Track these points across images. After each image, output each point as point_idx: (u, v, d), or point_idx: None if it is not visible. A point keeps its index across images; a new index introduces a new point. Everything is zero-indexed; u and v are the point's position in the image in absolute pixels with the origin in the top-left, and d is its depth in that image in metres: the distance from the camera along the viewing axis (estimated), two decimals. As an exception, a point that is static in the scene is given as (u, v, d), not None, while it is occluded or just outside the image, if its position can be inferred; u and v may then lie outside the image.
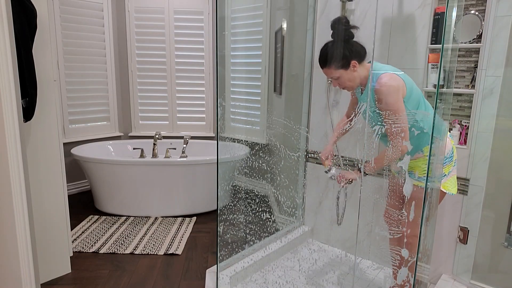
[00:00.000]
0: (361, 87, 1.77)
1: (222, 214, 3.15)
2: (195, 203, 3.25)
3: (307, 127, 2.66)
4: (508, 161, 1.87)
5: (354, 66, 1.68)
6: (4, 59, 1.57)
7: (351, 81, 1.71)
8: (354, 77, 1.70)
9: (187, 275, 2.30)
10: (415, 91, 1.64)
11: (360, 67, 1.69)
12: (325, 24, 2.44)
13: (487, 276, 1.99)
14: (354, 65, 1.67)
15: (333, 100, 2.46)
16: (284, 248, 2.51)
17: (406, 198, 1.76)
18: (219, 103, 2.11)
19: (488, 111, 1.86)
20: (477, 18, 1.84)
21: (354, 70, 1.68)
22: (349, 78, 1.71)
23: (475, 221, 1.96)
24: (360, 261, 2.44)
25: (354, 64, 1.67)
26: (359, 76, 1.71)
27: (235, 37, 3.51)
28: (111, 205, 3.20)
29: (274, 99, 3.19)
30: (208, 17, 3.93)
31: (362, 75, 1.71)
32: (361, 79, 1.72)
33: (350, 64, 1.67)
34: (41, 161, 2.10)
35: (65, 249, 2.27)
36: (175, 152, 3.92)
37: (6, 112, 1.61)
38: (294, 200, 2.81)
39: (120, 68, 3.98)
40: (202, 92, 4.08)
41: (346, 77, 1.70)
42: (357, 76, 1.70)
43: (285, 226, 2.76)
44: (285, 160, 2.83)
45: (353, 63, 1.67)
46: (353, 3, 2.29)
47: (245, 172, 3.51)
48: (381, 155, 1.66)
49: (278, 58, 3.01)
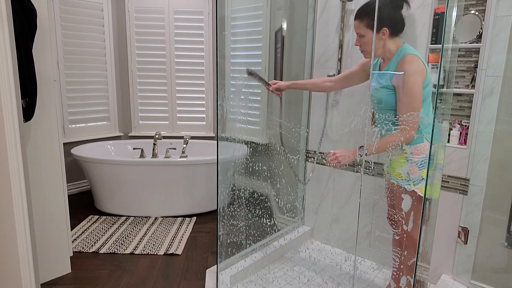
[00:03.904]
0: (381, 60, 1.71)
1: (222, 214, 3.15)
2: (195, 203, 3.25)
3: (307, 127, 2.66)
4: (508, 161, 1.87)
5: (384, 34, 1.61)
6: (4, 59, 1.57)
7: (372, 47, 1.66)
8: (379, 45, 1.63)
9: (187, 275, 2.30)
10: (429, 87, 1.61)
11: (389, 39, 1.62)
12: (325, 24, 2.45)
13: (487, 276, 1.99)
14: (384, 32, 1.61)
15: (333, 100, 2.46)
16: (284, 248, 2.51)
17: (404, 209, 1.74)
18: (219, 104, 2.11)
19: (488, 111, 1.86)
20: (477, 18, 1.84)
21: (381, 37, 1.62)
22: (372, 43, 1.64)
23: (475, 221, 1.96)
24: (360, 262, 2.44)
25: (384, 32, 1.61)
26: (384, 47, 1.64)
27: (235, 37, 3.51)
28: (111, 205, 3.20)
29: (274, 99, 3.19)
30: (208, 17, 3.93)
31: (388, 48, 1.64)
32: (384, 51, 1.65)
33: (381, 29, 1.60)
34: (41, 161, 2.10)
35: (65, 249, 2.27)
36: (175, 152, 3.92)
37: (6, 112, 1.61)
38: (294, 200, 2.81)
39: (120, 68, 3.98)
40: (202, 92, 4.08)
41: (370, 40, 1.64)
42: (382, 46, 1.63)
43: (285, 226, 2.76)
44: (285, 160, 2.83)
45: (384, 30, 1.61)
46: (353, 3, 2.29)
47: (245, 172, 3.51)
48: (385, 140, 1.63)
49: (278, 58, 3.01)
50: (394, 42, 1.65)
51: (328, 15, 2.42)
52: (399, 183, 1.70)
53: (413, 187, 1.65)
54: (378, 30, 1.62)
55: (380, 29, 1.61)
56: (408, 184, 1.66)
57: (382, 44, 1.64)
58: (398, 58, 1.62)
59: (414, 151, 1.64)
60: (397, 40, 1.66)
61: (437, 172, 1.76)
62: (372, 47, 1.66)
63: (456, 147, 1.97)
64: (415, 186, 1.65)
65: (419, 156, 1.63)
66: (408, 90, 1.55)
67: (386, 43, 1.64)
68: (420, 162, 1.63)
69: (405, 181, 1.67)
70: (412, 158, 1.64)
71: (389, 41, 1.64)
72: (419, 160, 1.63)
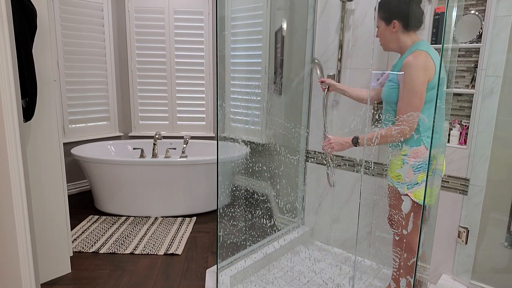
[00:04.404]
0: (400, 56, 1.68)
1: (222, 214, 3.15)
2: (195, 203, 3.25)
3: (307, 127, 2.66)
4: (508, 161, 1.87)
5: (394, 27, 1.60)
6: (4, 59, 1.57)
7: (385, 39, 1.65)
8: (391, 38, 1.62)
9: (187, 275, 2.30)
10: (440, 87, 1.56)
11: (402, 33, 1.60)
12: (325, 24, 2.45)
13: (487, 276, 1.99)
14: (394, 25, 1.59)
15: (333, 100, 2.46)
16: (284, 248, 2.51)
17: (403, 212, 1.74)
18: (219, 104, 2.12)
19: (488, 111, 1.86)
20: (477, 18, 1.84)
21: (392, 30, 1.61)
22: (385, 36, 1.63)
23: (475, 221, 1.96)
24: (360, 262, 2.44)
25: (394, 25, 1.59)
26: (397, 41, 1.62)
27: (235, 37, 3.51)
28: (111, 205, 3.20)
29: (274, 99, 3.19)
30: (208, 17, 3.93)
31: (403, 42, 1.62)
32: (399, 45, 1.63)
33: (392, 21, 1.59)
34: (41, 161, 2.10)
35: (65, 249, 2.27)
36: (175, 152, 3.92)
37: (6, 112, 1.61)
38: (294, 200, 2.81)
39: (120, 68, 3.98)
40: (202, 92, 4.08)
41: (383, 32, 1.64)
42: (395, 38, 1.62)
43: (285, 226, 2.76)
44: (285, 160, 2.83)
45: (394, 23, 1.59)
46: (353, 3, 2.29)
47: (245, 172, 3.51)
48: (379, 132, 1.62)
49: (278, 58, 3.01)
50: (410, 37, 1.62)
51: (328, 15, 2.42)
52: (394, 185, 1.69)
53: (406, 190, 1.64)
54: (388, 22, 1.61)
55: (391, 21, 1.60)
56: (402, 187, 1.65)
57: (395, 38, 1.62)
58: (409, 52, 1.58)
59: (411, 154, 1.62)
60: (415, 35, 1.63)
61: (436, 178, 1.72)
62: (383, 40, 1.66)
63: (456, 147, 1.97)
64: (409, 190, 1.63)
65: (415, 160, 1.61)
66: (407, 84, 1.53)
67: (400, 37, 1.62)
68: (417, 165, 1.61)
69: (399, 184, 1.66)
70: (409, 160, 1.62)
71: (404, 35, 1.61)
72: (416, 163, 1.61)
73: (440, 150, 1.72)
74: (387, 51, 1.74)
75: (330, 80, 2.12)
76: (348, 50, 2.35)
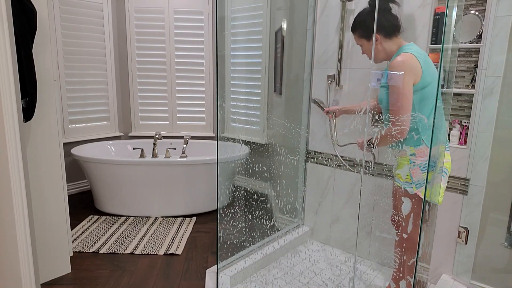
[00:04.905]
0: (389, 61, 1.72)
1: (222, 215, 3.15)
2: (195, 203, 3.25)
3: (307, 128, 2.66)
4: (508, 161, 1.87)
5: (377, 40, 1.63)
6: (4, 59, 1.57)
7: (373, 53, 1.68)
8: (378, 50, 1.66)
9: (187, 275, 2.30)
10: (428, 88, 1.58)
11: (386, 42, 1.64)
12: (325, 24, 2.45)
13: (487, 276, 1.99)
14: (377, 38, 1.63)
15: (333, 100, 2.46)
16: (284, 248, 2.51)
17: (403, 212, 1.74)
18: (219, 104, 2.12)
19: (488, 111, 1.86)
20: (477, 18, 1.84)
21: (377, 43, 1.64)
22: (371, 50, 1.67)
23: (475, 221, 1.96)
24: (360, 262, 2.44)
25: (377, 38, 1.63)
26: (384, 50, 1.66)
27: (235, 37, 3.51)
28: (111, 205, 3.20)
29: (274, 99, 3.19)
30: (208, 17, 3.93)
31: (389, 49, 1.66)
32: (387, 53, 1.67)
33: (372, 36, 1.63)
34: (41, 161, 2.10)
35: (65, 249, 2.27)
36: (175, 152, 3.92)
37: (6, 112, 1.61)
38: (294, 200, 2.81)
39: (120, 68, 3.98)
40: (202, 92, 4.08)
41: (368, 48, 1.67)
42: (381, 50, 1.66)
43: (285, 226, 2.76)
44: (285, 160, 2.83)
45: (376, 36, 1.63)
46: (353, 3, 2.29)
47: (245, 172, 3.51)
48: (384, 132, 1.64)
49: (278, 58, 3.01)
50: (394, 42, 1.66)
51: (328, 15, 2.42)
52: (401, 185, 1.70)
53: (415, 190, 1.65)
54: (369, 38, 1.66)
55: (371, 36, 1.64)
56: (411, 187, 1.66)
57: (381, 49, 1.67)
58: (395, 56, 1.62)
59: (418, 153, 1.64)
60: (399, 39, 1.66)
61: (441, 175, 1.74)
62: (371, 55, 1.70)
63: (456, 147, 1.97)
64: (418, 189, 1.64)
65: (422, 159, 1.63)
66: (392, 86, 1.56)
67: (385, 46, 1.66)
68: (424, 165, 1.63)
69: (407, 184, 1.67)
70: (415, 160, 1.64)
71: (388, 43, 1.65)
72: (422, 162, 1.63)
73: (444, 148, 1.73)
74: (379, 63, 1.77)
75: (333, 107, 2.17)
76: (348, 50, 2.35)
